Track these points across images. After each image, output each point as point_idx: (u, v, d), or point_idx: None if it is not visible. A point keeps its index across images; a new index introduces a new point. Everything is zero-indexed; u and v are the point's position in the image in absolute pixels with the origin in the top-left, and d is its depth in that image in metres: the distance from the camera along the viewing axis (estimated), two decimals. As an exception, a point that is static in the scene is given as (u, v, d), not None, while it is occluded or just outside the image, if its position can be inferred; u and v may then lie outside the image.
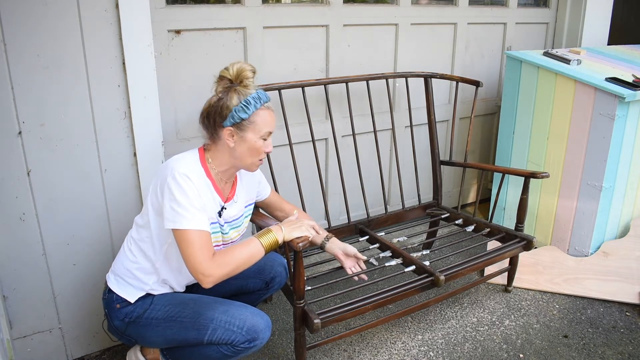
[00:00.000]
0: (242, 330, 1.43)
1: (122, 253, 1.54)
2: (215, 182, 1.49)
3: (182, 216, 1.35)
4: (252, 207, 1.70)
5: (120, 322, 1.50)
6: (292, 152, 2.09)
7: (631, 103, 2.25)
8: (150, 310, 1.48)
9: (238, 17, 2.06)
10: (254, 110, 1.43)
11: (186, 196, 1.36)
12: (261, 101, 1.45)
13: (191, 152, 1.50)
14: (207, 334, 1.43)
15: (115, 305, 1.49)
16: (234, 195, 1.58)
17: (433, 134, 2.46)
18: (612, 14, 3.08)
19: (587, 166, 2.38)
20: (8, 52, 1.51)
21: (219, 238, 1.52)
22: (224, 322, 1.43)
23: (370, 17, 2.41)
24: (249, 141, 1.45)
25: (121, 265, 1.52)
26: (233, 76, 1.45)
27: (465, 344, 1.99)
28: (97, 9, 1.61)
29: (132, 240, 1.52)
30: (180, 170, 1.37)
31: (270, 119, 1.48)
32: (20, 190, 1.63)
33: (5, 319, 1.70)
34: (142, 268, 1.49)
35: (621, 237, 2.58)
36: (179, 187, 1.35)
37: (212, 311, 1.45)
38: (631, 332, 2.05)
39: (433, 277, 1.84)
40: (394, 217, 2.43)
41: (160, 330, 1.47)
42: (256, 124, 1.45)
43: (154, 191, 1.43)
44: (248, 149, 1.47)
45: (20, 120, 1.58)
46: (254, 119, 1.44)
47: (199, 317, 1.45)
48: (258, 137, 1.46)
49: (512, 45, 2.98)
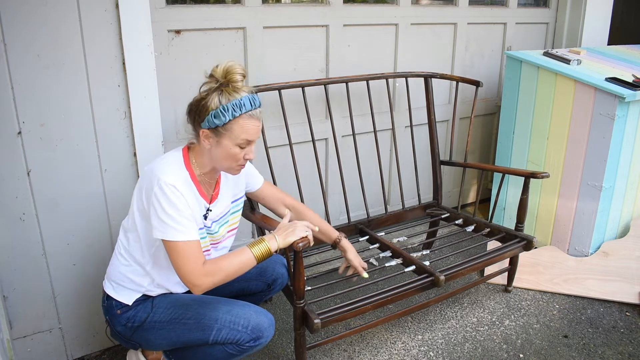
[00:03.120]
0: (247, 329, 1.43)
1: (114, 258, 1.53)
2: (200, 185, 1.46)
3: (172, 227, 1.34)
4: (241, 202, 1.66)
5: (123, 328, 1.49)
6: (292, 152, 2.09)
7: (631, 103, 2.25)
8: (153, 314, 1.47)
9: (238, 17, 2.06)
10: (230, 119, 1.35)
11: (175, 208, 1.34)
12: (243, 109, 1.36)
13: (175, 154, 1.46)
14: (212, 334, 1.43)
15: (116, 311, 1.48)
16: (218, 194, 1.55)
17: (433, 134, 2.46)
18: (612, 14, 3.08)
19: (587, 166, 2.38)
20: (8, 52, 1.51)
21: (207, 241, 1.51)
22: (229, 322, 1.43)
23: (370, 17, 2.41)
24: (225, 147, 1.39)
25: (115, 270, 1.50)
26: (220, 76, 1.37)
27: (465, 344, 1.99)
28: (97, 9, 1.61)
29: (121, 245, 1.50)
30: (167, 181, 1.33)
31: (250, 128, 1.38)
32: (20, 190, 1.63)
33: (5, 319, 1.70)
34: (135, 271, 1.48)
35: (621, 237, 2.58)
36: (167, 199, 1.33)
37: (216, 311, 1.45)
38: (631, 332, 2.05)
39: (433, 277, 1.84)
40: (394, 217, 2.43)
41: (164, 333, 1.47)
42: (232, 132, 1.37)
43: (139, 195, 1.41)
44: (224, 154, 1.41)
45: (20, 120, 1.58)
46: (231, 127, 1.36)
47: (202, 318, 1.44)
48: (234, 145, 1.39)
49: (512, 45, 2.98)
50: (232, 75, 1.36)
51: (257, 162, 2.26)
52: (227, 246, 1.62)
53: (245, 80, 1.40)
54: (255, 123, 1.40)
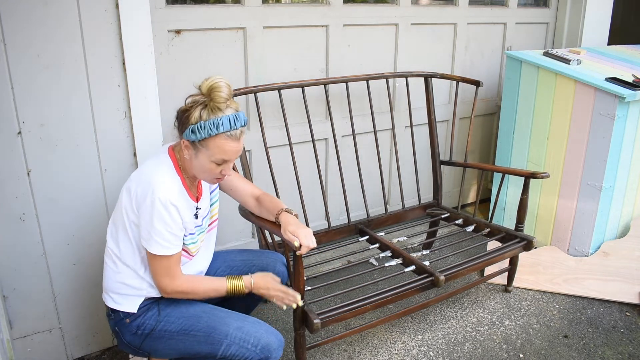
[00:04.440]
0: (257, 349, 1.43)
1: (105, 269, 1.50)
2: (188, 188, 1.46)
3: (156, 241, 1.36)
4: (217, 193, 1.65)
5: (132, 336, 1.48)
6: (292, 152, 2.09)
7: (631, 103, 2.25)
8: (164, 322, 1.47)
9: (238, 17, 2.06)
10: (205, 136, 1.34)
11: (164, 223, 1.35)
12: (220, 128, 1.33)
13: (165, 160, 1.44)
14: (221, 349, 1.43)
15: (125, 321, 1.47)
16: (202, 191, 1.55)
17: (433, 134, 2.46)
18: (612, 14, 3.08)
19: (587, 166, 2.38)
20: (8, 52, 1.51)
21: (202, 237, 1.54)
22: (239, 339, 1.43)
23: (370, 17, 2.41)
24: (201, 161, 1.39)
25: (110, 281, 1.49)
26: (205, 92, 1.35)
27: (465, 344, 1.99)
28: (97, 8, 1.61)
29: (111, 252, 1.47)
30: (162, 197, 1.34)
31: (228, 149, 1.36)
32: (20, 190, 1.63)
33: (5, 319, 1.70)
34: (129, 275, 1.47)
35: (621, 237, 2.58)
36: (158, 214, 1.34)
37: (227, 327, 1.45)
38: (631, 332, 2.05)
39: (433, 277, 1.84)
40: (394, 217, 2.43)
41: (173, 344, 1.47)
42: (208, 149, 1.36)
43: (128, 199, 1.39)
44: (200, 168, 1.40)
45: (20, 120, 1.58)
46: (207, 144, 1.35)
47: (213, 332, 1.44)
48: (209, 161, 1.38)
49: (512, 45, 2.98)
50: (215, 94, 1.34)
51: (257, 163, 2.26)
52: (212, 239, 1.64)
53: (229, 100, 1.37)
54: (232, 144, 1.37)
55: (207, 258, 1.62)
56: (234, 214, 1.92)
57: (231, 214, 2.04)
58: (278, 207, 1.59)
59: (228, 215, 2.15)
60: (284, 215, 1.56)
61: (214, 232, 1.65)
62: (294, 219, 1.55)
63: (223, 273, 1.67)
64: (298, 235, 1.49)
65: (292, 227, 1.51)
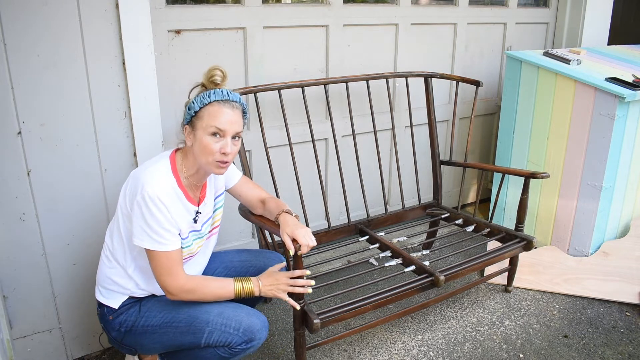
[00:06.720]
0: (239, 332, 1.43)
1: (100, 261, 1.53)
2: (187, 190, 1.46)
3: (149, 237, 1.36)
4: (222, 198, 1.66)
5: (117, 333, 1.49)
6: (292, 152, 2.09)
7: (631, 103, 2.25)
8: (145, 317, 1.47)
9: (238, 17, 2.06)
10: (200, 106, 1.38)
11: (155, 219, 1.35)
12: (214, 96, 1.38)
13: (163, 161, 1.44)
14: (203, 337, 1.43)
15: (109, 318, 1.48)
16: (205, 196, 1.55)
17: (433, 134, 2.47)
18: (612, 14, 3.08)
19: (587, 166, 2.38)
20: (8, 52, 1.51)
21: (199, 242, 1.52)
22: (220, 325, 1.43)
23: (370, 17, 2.41)
24: (199, 139, 1.39)
25: (101, 274, 1.50)
26: (205, 78, 1.43)
27: (465, 344, 1.99)
28: (97, 8, 1.61)
29: (106, 247, 1.50)
30: (150, 192, 1.33)
31: (219, 113, 1.37)
32: (20, 190, 1.63)
33: (5, 319, 1.70)
34: (118, 273, 1.48)
35: (621, 237, 2.58)
36: (148, 210, 1.34)
37: (207, 314, 1.45)
38: (631, 332, 2.05)
39: (433, 277, 1.84)
40: (394, 217, 2.43)
41: (156, 337, 1.47)
42: (202, 119, 1.37)
43: (123, 198, 1.42)
44: (199, 148, 1.39)
45: (20, 120, 1.58)
46: (202, 114, 1.38)
47: (194, 321, 1.44)
48: (205, 133, 1.37)
49: (512, 45, 2.98)
50: (212, 73, 1.41)
51: (257, 162, 2.26)
52: (210, 246, 1.63)
53: (225, 80, 1.43)
54: (226, 110, 1.38)
55: (201, 263, 1.61)
56: (234, 214, 1.93)
57: (231, 214, 2.04)
58: (280, 208, 1.60)
59: (228, 215, 2.14)
60: (284, 215, 1.57)
61: (214, 238, 1.64)
62: (293, 220, 1.55)
63: (220, 275, 1.67)
64: (296, 235, 1.49)
65: (290, 227, 1.51)
